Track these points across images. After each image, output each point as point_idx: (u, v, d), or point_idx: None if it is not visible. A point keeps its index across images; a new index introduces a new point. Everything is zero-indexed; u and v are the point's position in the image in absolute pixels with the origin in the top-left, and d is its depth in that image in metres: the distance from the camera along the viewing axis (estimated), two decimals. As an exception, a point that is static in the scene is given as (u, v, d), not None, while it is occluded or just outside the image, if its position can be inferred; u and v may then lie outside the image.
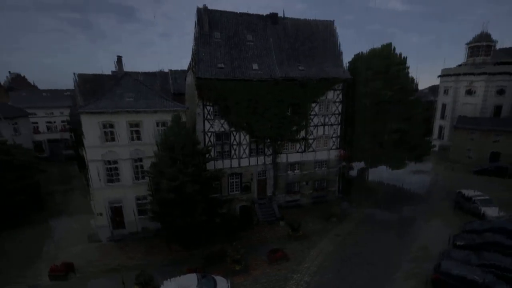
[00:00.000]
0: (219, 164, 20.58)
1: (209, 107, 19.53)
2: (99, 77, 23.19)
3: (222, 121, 20.08)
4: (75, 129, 24.42)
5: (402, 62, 23.00)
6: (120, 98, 18.23)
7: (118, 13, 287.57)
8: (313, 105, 22.12)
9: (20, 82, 50.89)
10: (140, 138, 18.37)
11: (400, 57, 23.15)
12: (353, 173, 30.21)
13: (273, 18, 22.74)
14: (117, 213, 18.88)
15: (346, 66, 23.58)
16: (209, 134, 19.94)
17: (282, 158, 22.51)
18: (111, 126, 17.63)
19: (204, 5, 20.26)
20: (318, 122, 22.72)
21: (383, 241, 18.09)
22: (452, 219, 20.44)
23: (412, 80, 23.50)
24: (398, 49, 25.98)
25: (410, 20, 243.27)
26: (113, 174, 18.30)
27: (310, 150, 23.18)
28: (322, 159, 23.83)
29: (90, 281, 14.89)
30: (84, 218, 21.04)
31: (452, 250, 15.68)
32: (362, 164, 27.95)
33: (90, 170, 17.70)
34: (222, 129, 20.23)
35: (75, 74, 22.69)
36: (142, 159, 18.55)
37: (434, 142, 38.64)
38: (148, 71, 27.36)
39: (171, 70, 32.90)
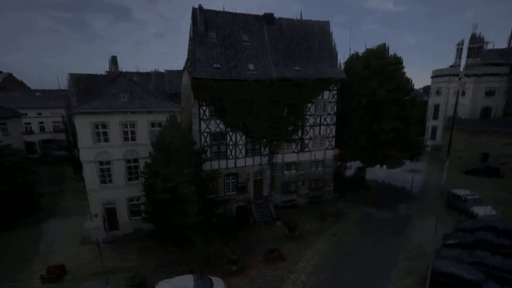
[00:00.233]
0: (215, 164, 20.50)
1: (205, 107, 19.45)
2: (93, 77, 22.99)
3: (218, 121, 20.01)
4: (69, 129, 24.09)
5: (397, 62, 23.25)
6: (114, 98, 18.02)
7: (113, 13, 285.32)
8: (309, 105, 22.19)
9: (11, 82, 49.96)
10: (134, 139, 18.18)
11: (395, 57, 23.40)
12: (349, 172, 30.45)
13: (268, 18, 22.77)
14: (110, 214, 18.64)
15: (342, 66, 23.74)
16: (205, 134, 19.85)
17: (278, 158, 22.53)
18: (105, 126, 17.41)
19: (199, 5, 20.18)
20: (314, 122, 22.79)
21: (379, 240, 18.20)
22: (445, 218, 20.66)
23: (407, 80, 23.76)
24: (394, 49, 26.32)
25: (405, 20, 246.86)
26: (106, 175, 18.06)
27: (306, 150, 23.23)
28: (318, 159, 23.91)
29: (83, 283, 14.63)
30: (77, 220, 20.73)
31: (443, 249, 15.82)
32: (358, 163, 28.18)
33: (84, 171, 17.45)
34: (218, 129, 20.16)
35: (69, 74, 22.45)
36: (137, 160, 18.34)
37: (427, 142, 39.27)
38: (143, 71, 27.20)
39: (167, 70, 32.83)
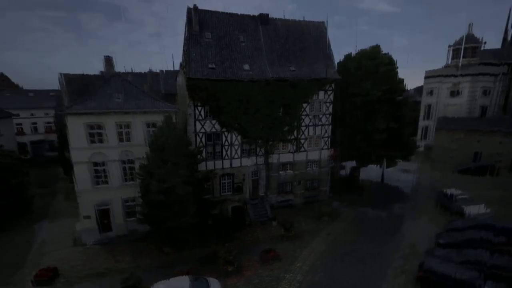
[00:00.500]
0: (211, 165, 20.45)
1: (200, 108, 19.38)
2: (87, 77, 22.63)
3: (214, 121, 19.95)
4: (61, 130, 23.75)
5: (390, 63, 23.54)
6: (108, 99, 17.85)
7: (107, 12, 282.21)
8: (304, 105, 22.29)
9: (4, 82, 49.01)
10: (130, 140, 18.02)
11: (388, 57, 23.68)
12: (344, 172, 30.67)
13: (263, 18, 22.80)
14: (104, 215, 18.44)
15: (336, 66, 23.91)
16: (200, 134, 19.77)
17: (274, 158, 22.56)
18: (99, 127, 17.23)
19: (194, 5, 20.11)
20: (309, 122, 22.91)
21: (374, 239, 18.34)
22: (437, 217, 20.95)
23: (400, 80, 24.08)
24: (386, 50, 26.68)
25: (398, 21, 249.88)
26: (101, 176, 17.86)
27: (302, 150, 23.33)
28: (314, 159, 24.02)
29: (75, 286, 14.40)
30: (69, 222, 20.43)
31: (435, 248, 15.99)
32: (354, 163, 28.41)
33: (76, 172, 17.21)
34: (213, 129, 20.10)
35: (61, 74, 22.08)
36: (133, 161, 18.18)
37: (419, 143, 39.77)
38: (138, 71, 26.95)
39: (162, 71, 32.59)
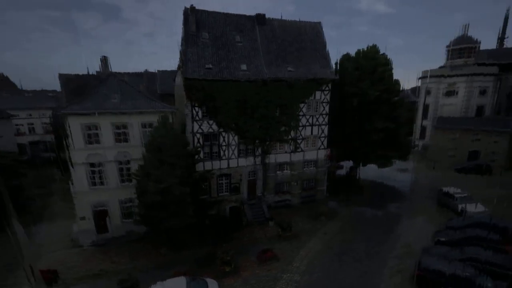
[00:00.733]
0: (208, 165, 20.42)
1: (197, 108, 19.36)
2: (83, 77, 22.58)
3: (211, 122, 19.94)
4: (58, 131, 23.67)
5: (387, 63, 23.63)
6: (104, 99, 17.78)
7: (103, 12, 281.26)
8: (301, 105, 22.31)
9: (2, 82, 48.76)
10: (126, 140, 17.98)
11: (384, 58, 23.76)
12: (342, 172, 30.74)
13: (260, 19, 22.79)
14: (101, 216, 18.37)
15: (333, 67, 23.93)
16: (197, 135, 19.76)
17: (271, 158, 22.55)
18: (96, 127, 17.17)
19: (191, 5, 20.08)
20: (306, 122, 22.94)
21: (371, 238, 18.41)
22: (434, 216, 21.07)
23: (396, 81, 24.18)
24: (383, 50, 26.77)
25: (394, 22, 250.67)
26: (97, 177, 17.81)
27: (299, 150, 23.35)
28: (311, 159, 24.05)
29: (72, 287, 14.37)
30: (66, 223, 20.36)
31: (433, 246, 16.08)
32: (351, 163, 28.48)
33: (73, 173, 17.15)
34: (210, 130, 20.08)
35: (59, 74, 22.04)
36: (129, 162, 18.13)
37: (416, 142, 39.93)
38: (134, 72, 26.87)
39: (158, 71, 32.52)
